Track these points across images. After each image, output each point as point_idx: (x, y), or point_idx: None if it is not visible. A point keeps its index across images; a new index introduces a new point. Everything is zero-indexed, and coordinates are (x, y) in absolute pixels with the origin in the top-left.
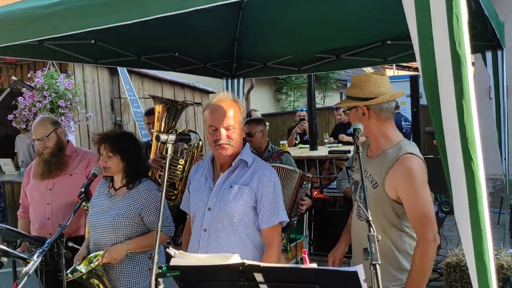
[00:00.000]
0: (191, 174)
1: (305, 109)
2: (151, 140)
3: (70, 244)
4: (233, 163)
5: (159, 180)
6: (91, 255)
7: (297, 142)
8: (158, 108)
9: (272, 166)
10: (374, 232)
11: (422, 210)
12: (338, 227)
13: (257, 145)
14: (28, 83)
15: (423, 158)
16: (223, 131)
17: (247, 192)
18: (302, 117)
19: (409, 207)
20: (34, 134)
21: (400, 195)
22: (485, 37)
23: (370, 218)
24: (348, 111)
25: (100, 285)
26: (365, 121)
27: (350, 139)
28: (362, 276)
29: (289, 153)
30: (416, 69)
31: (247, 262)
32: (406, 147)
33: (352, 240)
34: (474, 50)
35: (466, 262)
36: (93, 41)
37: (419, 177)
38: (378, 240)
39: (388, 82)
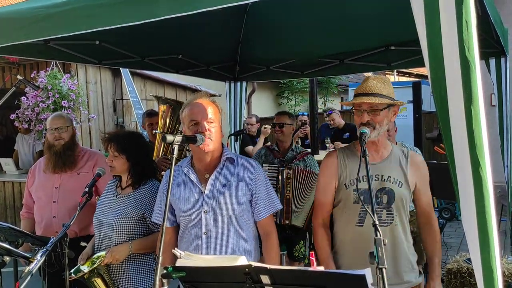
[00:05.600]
0: (166, 184)
1: (306, 113)
2: (151, 141)
3: (84, 244)
4: (220, 162)
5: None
6: (94, 256)
7: (298, 145)
8: (163, 109)
9: (296, 169)
10: (380, 236)
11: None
12: None
13: (284, 140)
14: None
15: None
16: (205, 124)
17: (243, 187)
18: (303, 121)
19: (425, 194)
20: (52, 123)
21: (418, 186)
22: (489, 44)
23: (377, 222)
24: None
25: (103, 284)
26: (390, 121)
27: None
28: (369, 279)
29: (312, 154)
30: (417, 75)
31: (254, 264)
32: (400, 145)
33: (346, 252)
34: (479, 56)
35: (467, 268)
36: (97, 42)
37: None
38: (384, 244)
39: None
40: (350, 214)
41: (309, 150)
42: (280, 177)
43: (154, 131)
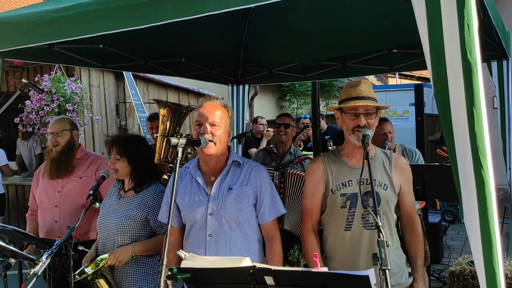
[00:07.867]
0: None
1: (308, 116)
2: (154, 144)
3: (81, 248)
4: (226, 165)
5: (164, 184)
6: (98, 258)
7: (301, 149)
8: (163, 112)
9: (288, 173)
10: (383, 237)
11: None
12: None
13: (286, 141)
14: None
15: None
16: (207, 126)
17: (248, 191)
18: (305, 124)
19: (408, 196)
20: (50, 128)
21: (403, 188)
22: (491, 47)
23: (380, 224)
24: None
25: (106, 285)
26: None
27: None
28: (373, 280)
29: (311, 159)
30: (418, 78)
31: (258, 265)
32: (399, 147)
33: (336, 256)
34: (480, 59)
35: (469, 271)
36: (101, 46)
37: None
38: (387, 246)
39: None
40: (337, 219)
41: (311, 153)
42: (275, 181)
43: (155, 135)
